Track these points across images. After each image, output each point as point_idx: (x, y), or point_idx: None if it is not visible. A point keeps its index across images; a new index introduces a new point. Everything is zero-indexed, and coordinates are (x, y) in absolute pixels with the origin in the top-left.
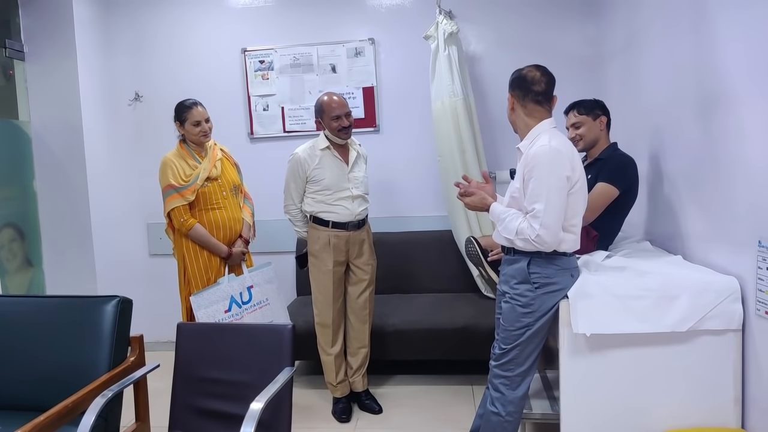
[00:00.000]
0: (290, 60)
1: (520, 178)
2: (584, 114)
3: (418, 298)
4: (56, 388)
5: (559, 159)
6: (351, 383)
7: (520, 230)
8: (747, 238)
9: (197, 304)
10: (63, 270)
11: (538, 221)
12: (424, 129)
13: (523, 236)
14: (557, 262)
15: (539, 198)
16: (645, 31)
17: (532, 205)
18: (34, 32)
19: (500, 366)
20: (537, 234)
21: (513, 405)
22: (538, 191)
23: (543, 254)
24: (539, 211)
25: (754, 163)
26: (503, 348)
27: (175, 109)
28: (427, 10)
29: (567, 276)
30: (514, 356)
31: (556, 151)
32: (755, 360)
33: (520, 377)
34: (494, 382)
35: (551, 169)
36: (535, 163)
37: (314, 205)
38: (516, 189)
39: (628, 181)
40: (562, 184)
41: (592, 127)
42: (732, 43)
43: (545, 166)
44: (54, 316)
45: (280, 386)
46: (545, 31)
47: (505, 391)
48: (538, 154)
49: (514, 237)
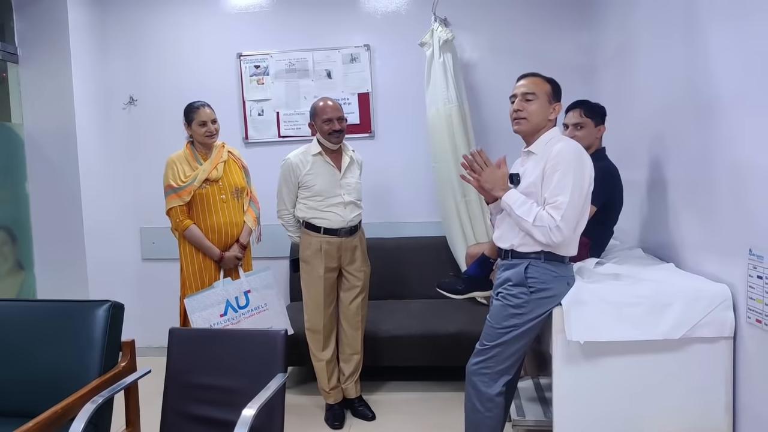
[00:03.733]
0: (286, 65)
1: (536, 174)
2: (589, 117)
3: (411, 304)
4: (46, 393)
5: (587, 160)
6: (344, 390)
7: (539, 217)
8: (738, 246)
9: (191, 307)
10: (54, 274)
11: (560, 212)
12: (418, 135)
13: (542, 224)
14: (555, 268)
15: (564, 191)
16: (637, 39)
17: (556, 197)
18: (28, 35)
19: (480, 362)
20: (557, 225)
21: (491, 402)
22: (563, 184)
23: (543, 258)
24: (563, 203)
25: (745, 172)
26: (485, 344)
27: (184, 110)
28: (422, 17)
29: (563, 283)
30: (494, 354)
31: (583, 153)
32: (746, 367)
33: (497, 375)
34: (472, 378)
35: (579, 167)
36: (562, 159)
37: (306, 211)
38: (529, 185)
39: (606, 195)
40: (586, 184)
41: (592, 132)
42: (724, 51)
43: (573, 162)
44: (44, 320)
45: (272, 392)
46: (539, 39)
47: (482, 388)
48: (565, 150)
49: (531, 223)
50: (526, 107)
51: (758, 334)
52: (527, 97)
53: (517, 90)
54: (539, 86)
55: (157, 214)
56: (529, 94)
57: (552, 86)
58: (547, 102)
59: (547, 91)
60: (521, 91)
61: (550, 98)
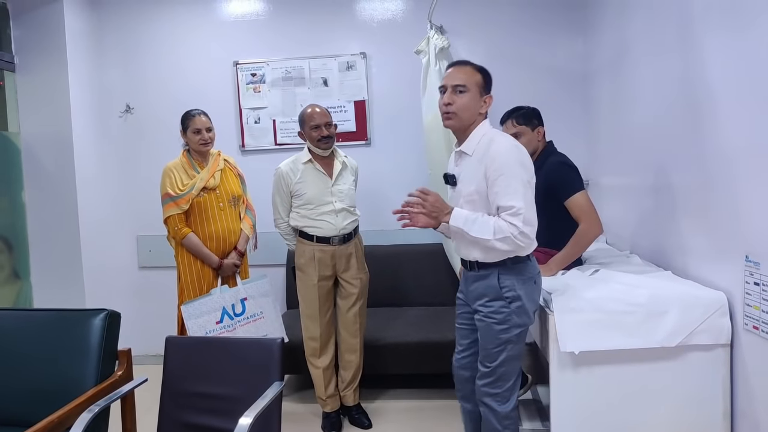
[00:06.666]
0: (282, 73)
1: (477, 180)
2: (523, 124)
3: (409, 311)
4: (42, 402)
5: (526, 156)
6: (342, 397)
7: (498, 229)
8: (734, 253)
9: (188, 314)
10: (51, 283)
11: (519, 218)
12: (415, 142)
13: (504, 235)
14: (521, 271)
15: (516, 195)
16: (632, 46)
17: (509, 202)
18: (25, 43)
19: (488, 384)
20: (520, 231)
21: (508, 419)
22: (513, 188)
23: (509, 264)
24: (520, 208)
25: (742, 178)
26: (488, 366)
27: (181, 117)
28: (418, 25)
29: (530, 284)
30: (501, 374)
31: (521, 149)
32: (744, 374)
33: (509, 392)
34: (485, 400)
35: (522, 166)
36: (503, 161)
37: (299, 219)
38: (472, 192)
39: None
40: (532, 180)
41: (532, 137)
42: (719, 58)
43: (515, 162)
44: (41, 329)
45: (269, 401)
46: (534, 47)
47: (497, 408)
48: (503, 151)
49: (491, 237)
50: (456, 100)
51: (755, 340)
52: (458, 89)
53: (447, 81)
54: (470, 77)
55: (153, 222)
56: (460, 86)
57: (483, 76)
58: (479, 94)
59: (478, 83)
60: (452, 83)
61: (481, 90)
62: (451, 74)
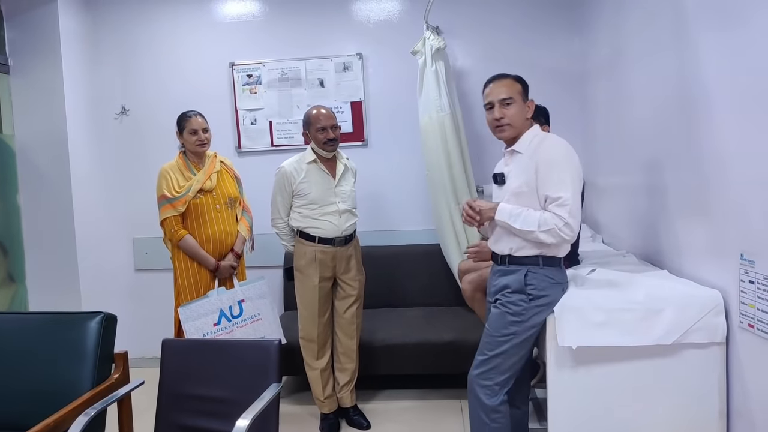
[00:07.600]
0: (278, 74)
1: (528, 173)
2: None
3: (406, 312)
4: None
5: (575, 156)
6: (339, 399)
7: (543, 221)
8: (729, 252)
9: (185, 316)
10: (46, 286)
11: (566, 209)
12: (411, 143)
13: (548, 227)
14: (553, 274)
15: (564, 186)
16: (628, 46)
17: (557, 192)
18: (19, 45)
19: (481, 375)
20: (566, 222)
21: (496, 412)
22: (562, 179)
23: (541, 263)
24: (567, 199)
25: (737, 177)
26: (485, 354)
27: (177, 119)
28: (414, 25)
29: (559, 290)
30: (496, 364)
31: (571, 148)
32: (739, 372)
33: (498, 386)
34: (474, 388)
35: (572, 162)
36: (555, 154)
37: (301, 220)
38: (521, 185)
39: None
40: (579, 179)
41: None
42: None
43: (566, 157)
44: (36, 333)
45: (266, 403)
46: (531, 47)
47: (485, 400)
48: (555, 146)
49: (536, 229)
50: (506, 113)
51: (750, 338)
52: (506, 102)
53: (493, 97)
54: (512, 88)
55: (150, 224)
56: (507, 99)
57: (522, 85)
58: (522, 102)
59: (519, 92)
60: (498, 98)
61: (523, 97)
62: (493, 90)
